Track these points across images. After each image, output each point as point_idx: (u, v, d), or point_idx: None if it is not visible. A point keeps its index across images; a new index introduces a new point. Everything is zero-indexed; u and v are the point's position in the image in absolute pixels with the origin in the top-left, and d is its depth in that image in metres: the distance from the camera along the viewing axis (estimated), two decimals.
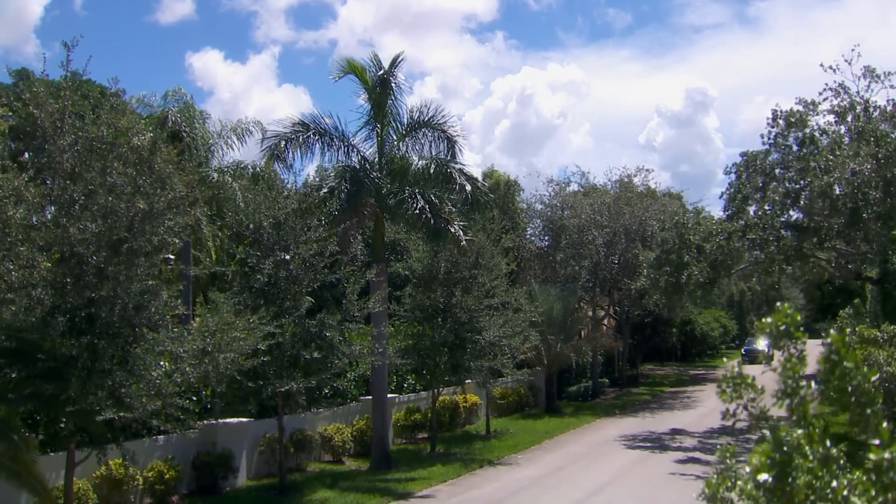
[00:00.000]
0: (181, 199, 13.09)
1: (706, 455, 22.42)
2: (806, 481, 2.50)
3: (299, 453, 20.59)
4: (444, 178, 21.62)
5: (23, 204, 12.03)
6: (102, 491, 15.47)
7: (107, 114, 12.44)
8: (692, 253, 24.54)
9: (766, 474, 2.60)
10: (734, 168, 25.83)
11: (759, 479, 2.62)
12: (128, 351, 12.30)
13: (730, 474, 3.32)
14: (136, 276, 12.28)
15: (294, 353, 16.64)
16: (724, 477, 3.28)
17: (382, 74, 21.24)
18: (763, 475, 2.61)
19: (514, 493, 18.03)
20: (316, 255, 17.24)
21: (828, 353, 2.52)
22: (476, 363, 23.05)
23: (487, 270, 23.46)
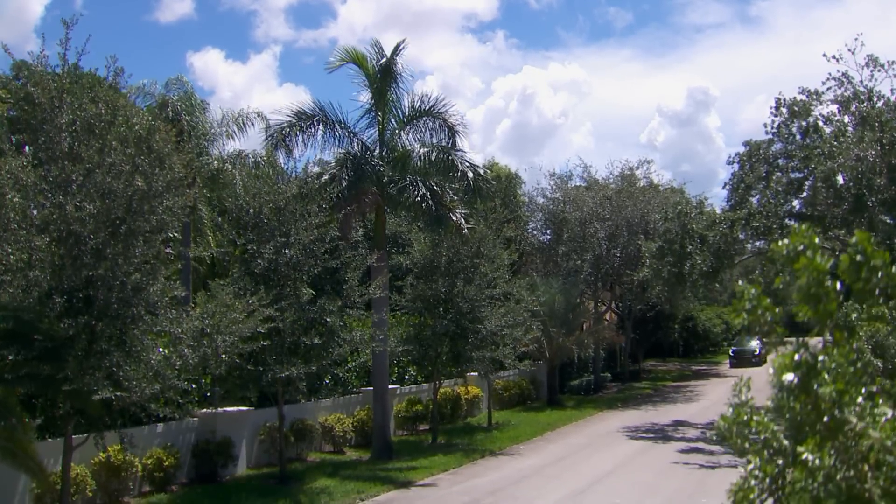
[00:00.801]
0: (180, 181, 12.97)
1: (709, 445, 22.26)
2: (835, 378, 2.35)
3: (300, 443, 20.46)
4: (445, 165, 21.49)
5: (21, 189, 11.95)
6: (101, 478, 15.35)
7: (105, 92, 12.29)
8: (695, 243, 24.37)
9: (791, 374, 2.45)
10: (737, 158, 25.67)
11: (785, 379, 2.47)
12: (126, 332, 12.17)
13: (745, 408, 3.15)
14: (134, 256, 12.15)
15: (294, 340, 16.49)
16: (739, 410, 3.12)
17: (384, 62, 21.10)
18: (789, 375, 2.46)
19: (516, 482, 17.90)
20: (316, 241, 17.10)
21: (854, 253, 2.37)
22: (478, 353, 22.89)
23: (489, 260, 23.31)
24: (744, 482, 2.69)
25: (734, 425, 3.17)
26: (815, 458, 2.50)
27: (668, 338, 54.67)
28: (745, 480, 2.69)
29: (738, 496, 2.66)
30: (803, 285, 2.44)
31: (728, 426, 3.18)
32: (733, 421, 3.17)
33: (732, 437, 3.19)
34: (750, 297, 2.99)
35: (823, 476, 2.50)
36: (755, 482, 2.64)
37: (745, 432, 3.16)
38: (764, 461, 2.66)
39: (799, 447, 2.51)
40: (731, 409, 3.26)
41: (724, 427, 3.22)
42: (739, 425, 3.15)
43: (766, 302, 2.98)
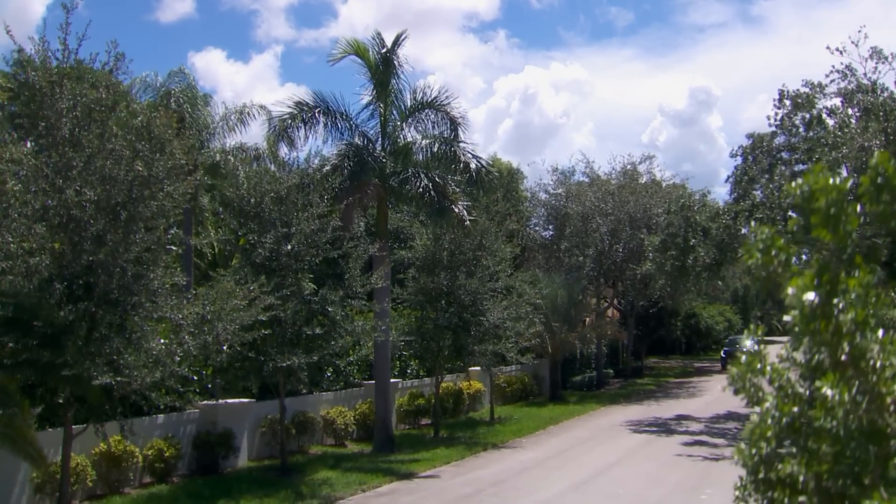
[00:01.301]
0: (181, 167, 12.88)
1: (713, 438, 22.21)
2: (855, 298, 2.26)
3: (301, 436, 20.38)
4: (447, 157, 21.41)
5: (22, 179, 11.88)
6: (101, 468, 15.28)
7: (105, 76, 12.21)
8: (698, 236, 24.27)
9: (812, 293, 2.35)
10: (740, 151, 25.56)
11: (806, 298, 2.37)
12: (126, 319, 12.09)
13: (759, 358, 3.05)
14: (134, 242, 12.07)
15: (296, 330, 16.40)
16: (753, 358, 3.02)
17: (385, 53, 21.02)
18: (809, 294, 2.36)
19: (519, 473, 17.82)
20: (318, 232, 17.00)
21: (874, 174, 2.28)
22: (480, 347, 22.80)
23: (491, 253, 23.22)
24: (759, 422, 2.59)
25: (747, 374, 3.07)
26: (834, 394, 2.41)
27: (670, 335, 54.62)
28: (760, 420, 2.60)
29: (754, 436, 2.57)
30: (822, 207, 2.34)
31: (741, 374, 3.09)
32: (746, 369, 3.08)
33: (745, 388, 3.09)
34: (763, 237, 2.89)
35: (843, 413, 2.40)
36: (771, 421, 2.55)
37: (758, 381, 3.07)
38: (780, 400, 2.56)
39: (818, 382, 2.42)
40: (743, 358, 3.17)
41: (736, 375, 3.12)
42: (753, 373, 3.06)
43: (780, 242, 2.89)
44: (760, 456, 2.49)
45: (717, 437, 22.56)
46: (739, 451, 2.61)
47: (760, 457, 2.49)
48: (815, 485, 2.41)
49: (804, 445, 2.48)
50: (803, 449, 2.45)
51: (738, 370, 3.08)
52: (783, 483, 2.40)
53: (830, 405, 2.42)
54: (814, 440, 2.49)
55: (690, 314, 56.58)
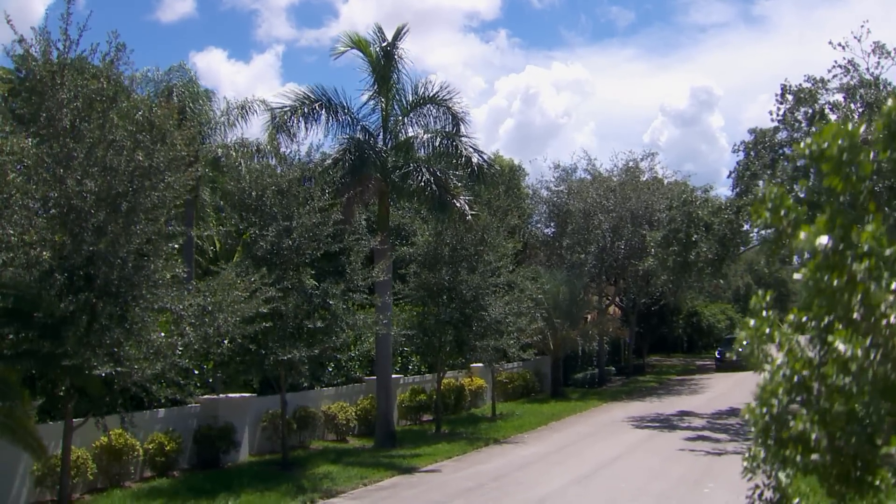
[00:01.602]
0: (181, 159, 12.84)
1: (715, 433, 22.14)
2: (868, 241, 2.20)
3: (302, 431, 20.32)
4: (449, 151, 21.36)
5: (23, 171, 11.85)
6: (102, 461, 15.24)
7: (107, 66, 12.17)
8: (700, 231, 24.19)
9: (825, 237, 2.30)
10: (742, 146, 25.49)
11: (819, 243, 2.32)
12: (127, 310, 12.04)
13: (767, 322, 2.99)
14: (135, 233, 12.02)
15: (297, 323, 16.36)
16: (762, 323, 2.95)
17: (386, 47, 20.96)
18: (823, 238, 2.31)
19: (520, 468, 17.75)
20: (319, 225, 16.96)
21: (887, 121, 2.23)
22: (481, 343, 22.74)
23: (493, 248, 23.16)
24: (769, 380, 2.54)
25: (756, 338, 3.01)
26: (847, 348, 2.35)
27: (672, 333, 54.50)
28: (770, 378, 2.54)
29: (765, 394, 2.51)
30: (834, 154, 2.29)
31: (750, 338, 3.03)
32: (755, 333, 3.02)
33: (754, 354, 3.04)
34: (772, 196, 2.84)
35: (857, 368, 2.35)
36: (781, 378, 2.49)
37: (765, 348, 3.01)
38: (791, 358, 2.50)
39: (830, 337, 2.37)
40: (753, 321, 3.11)
41: (744, 339, 3.07)
42: (760, 338, 3.00)
43: (790, 202, 2.84)
44: (771, 415, 2.43)
45: (720, 432, 22.49)
46: (750, 411, 2.56)
47: (771, 415, 2.44)
48: (827, 443, 2.35)
49: (816, 404, 2.43)
50: (815, 407, 2.39)
51: (747, 333, 3.03)
52: (795, 441, 2.34)
53: (843, 361, 2.36)
54: (826, 398, 2.44)
55: (692, 312, 56.48)
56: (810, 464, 2.34)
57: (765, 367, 2.64)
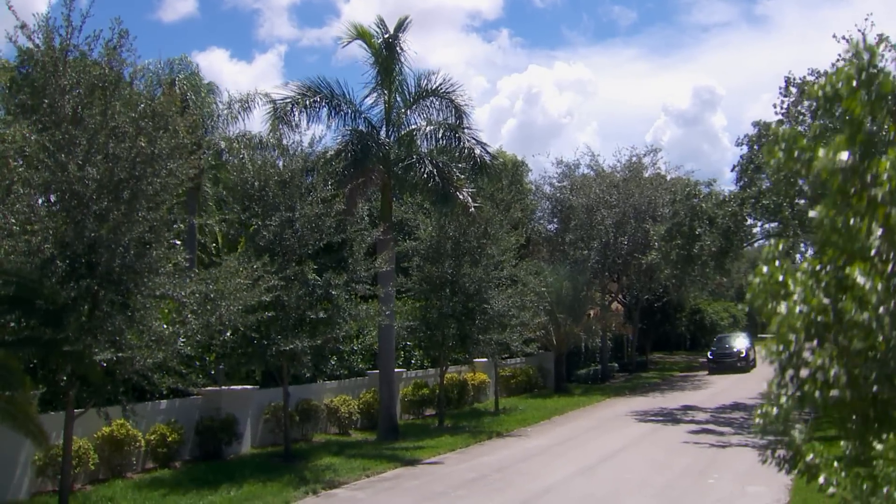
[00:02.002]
0: (184, 146, 12.77)
1: (719, 427, 22.05)
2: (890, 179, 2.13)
3: (305, 424, 20.26)
4: (452, 143, 21.29)
5: (25, 158, 11.81)
6: (104, 452, 15.19)
7: (110, 53, 12.10)
8: (704, 224, 24.10)
9: (846, 153, 2.22)
10: (746, 139, 25.39)
11: (840, 158, 2.24)
12: (128, 297, 11.98)
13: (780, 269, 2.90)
14: (137, 220, 11.96)
15: (300, 314, 16.29)
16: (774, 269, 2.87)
17: (388, 38, 20.89)
18: (843, 154, 2.23)
19: (524, 460, 17.70)
20: (322, 216, 16.89)
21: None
22: (484, 336, 22.65)
23: (496, 241, 23.07)
24: (787, 314, 2.46)
25: (768, 286, 2.93)
26: (866, 282, 2.28)
27: (675, 330, 54.37)
28: (787, 313, 2.47)
29: (783, 329, 2.44)
30: (852, 73, 2.21)
31: (763, 283, 2.95)
32: (767, 281, 2.94)
33: (765, 302, 2.96)
34: (785, 136, 2.77)
35: (876, 301, 2.28)
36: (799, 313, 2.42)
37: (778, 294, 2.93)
38: (808, 293, 2.43)
39: (848, 269, 2.30)
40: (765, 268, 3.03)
41: (758, 286, 2.99)
42: (773, 285, 2.92)
43: (803, 142, 2.76)
44: (789, 351, 2.36)
45: (724, 425, 22.40)
46: (767, 347, 2.48)
47: (789, 352, 2.36)
48: (847, 379, 2.28)
49: (834, 341, 2.36)
50: (834, 343, 2.32)
51: (760, 280, 2.95)
52: (814, 376, 2.27)
53: (862, 295, 2.29)
54: (844, 335, 2.37)
55: (695, 310, 56.38)
56: (830, 400, 2.27)
57: (780, 304, 2.56)
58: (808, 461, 3.16)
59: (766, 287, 2.91)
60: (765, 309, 2.94)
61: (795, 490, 13.64)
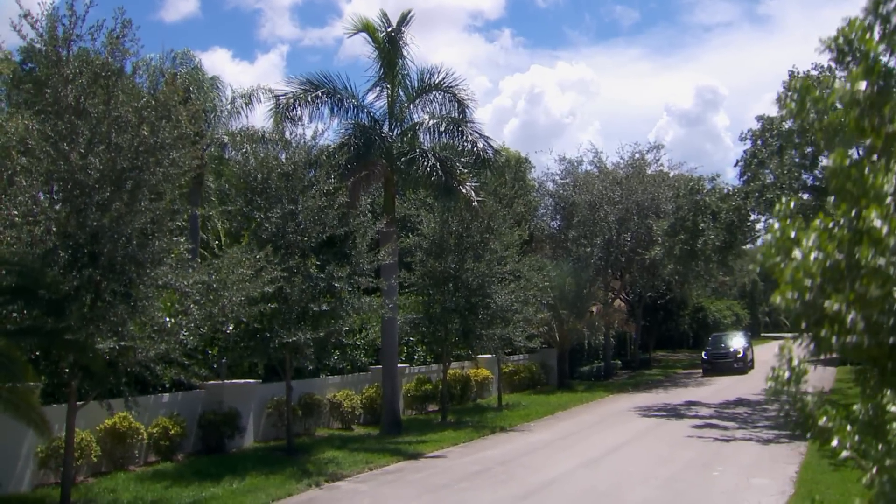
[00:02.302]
0: (186, 137, 12.73)
1: (723, 421, 21.97)
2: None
3: (307, 418, 20.22)
4: (455, 136, 21.25)
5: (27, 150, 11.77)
6: (106, 444, 15.16)
7: (113, 42, 12.06)
8: (707, 219, 24.03)
9: (864, 82, 2.17)
10: (750, 134, 25.31)
11: (858, 87, 2.19)
12: (131, 287, 11.94)
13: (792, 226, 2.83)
14: (139, 210, 11.92)
15: (302, 307, 16.24)
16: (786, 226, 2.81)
17: (391, 32, 20.85)
18: (861, 84, 2.18)
19: (528, 453, 17.64)
20: (325, 208, 16.84)
21: None
22: (487, 331, 22.59)
23: (499, 236, 23.01)
24: (801, 260, 2.41)
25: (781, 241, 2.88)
26: (883, 226, 2.23)
27: (678, 328, 54.29)
28: (802, 259, 2.41)
29: (798, 275, 2.39)
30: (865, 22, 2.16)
31: (775, 240, 2.89)
32: (779, 237, 2.88)
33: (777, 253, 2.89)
34: (798, 87, 2.71)
35: (893, 245, 2.22)
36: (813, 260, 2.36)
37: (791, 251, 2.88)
38: (823, 239, 2.37)
39: (864, 213, 2.24)
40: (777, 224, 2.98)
41: (770, 243, 2.94)
42: (786, 242, 2.86)
43: (816, 93, 2.71)
44: (804, 299, 2.30)
45: (728, 420, 22.33)
46: (783, 295, 2.42)
47: (804, 301, 2.30)
48: (864, 325, 2.22)
49: (851, 287, 2.30)
50: (850, 289, 2.26)
51: (773, 236, 2.89)
52: (831, 320, 2.21)
53: (878, 239, 2.24)
54: (861, 282, 2.31)
55: (698, 308, 56.31)
56: (847, 345, 2.22)
57: (795, 251, 2.50)
58: (820, 425, 3.10)
59: (778, 244, 2.86)
60: (777, 268, 2.88)
61: (801, 482, 13.59)
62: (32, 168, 11.73)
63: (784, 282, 2.43)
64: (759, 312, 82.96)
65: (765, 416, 22.79)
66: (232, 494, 13.41)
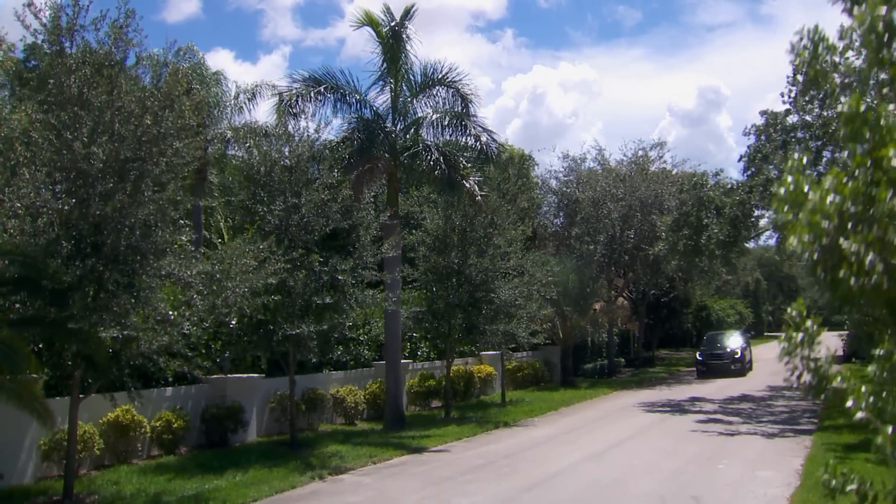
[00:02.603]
0: (190, 128, 12.71)
1: (727, 417, 21.91)
2: None
3: (311, 413, 20.18)
4: (458, 130, 21.21)
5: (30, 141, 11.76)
6: (109, 437, 15.13)
7: (116, 32, 12.03)
8: (711, 214, 23.95)
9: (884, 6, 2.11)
10: (754, 129, 25.23)
11: (878, 13, 2.14)
12: (134, 277, 11.91)
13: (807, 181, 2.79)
14: (143, 201, 11.89)
15: (306, 300, 16.20)
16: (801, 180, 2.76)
17: (394, 26, 20.81)
18: (881, 8, 2.12)
19: (532, 447, 17.60)
20: (328, 202, 16.80)
21: None
22: (491, 327, 22.52)
23: (502, 231, 22.94)
24: (818, 200, 2.36)
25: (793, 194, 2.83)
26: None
27: (681, 326, 54.18)
28: (819, 199, 2.36)
29: (814, 217, 2.34)
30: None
31: (788, 193, 2.85)
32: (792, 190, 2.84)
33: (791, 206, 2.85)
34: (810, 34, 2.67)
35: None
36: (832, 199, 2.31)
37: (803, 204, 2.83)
38: (839, 181, 2.33)
39: (883, 150, 2.19)
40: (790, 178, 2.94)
41: (782, 196, 2.89)
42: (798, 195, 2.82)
43: (829, 41, 2.66)
44: (821, 242, 2.25)
45: (732, 415, 22.27)
46: (799, 237, 2.37)
47: (821, 244, 2.26)
48: (883, 266, 2.18)
49: (869, 229, 2.25)
50: (868, 231, 2.21)
51: (785, 188, 2.85)
52: (848, 261, 2.16)
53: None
54: (879, 225, 2.27)
55: (701, 306, 56.23)
56: (866, 287, 2.17)
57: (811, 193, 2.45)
58: (835, 385, 3.07)
59: (790, 197, 2.81)
60: (790, 222, 2.83)
61: (806, 474, 13.53)
62: (36, 158, 11.71)
63: (800, 225, 2.38)
64: (762, 312, 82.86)
65: (769, 412, 22.74)
66: (235, 487, 13.37)
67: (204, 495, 12.72)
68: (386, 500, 12.84)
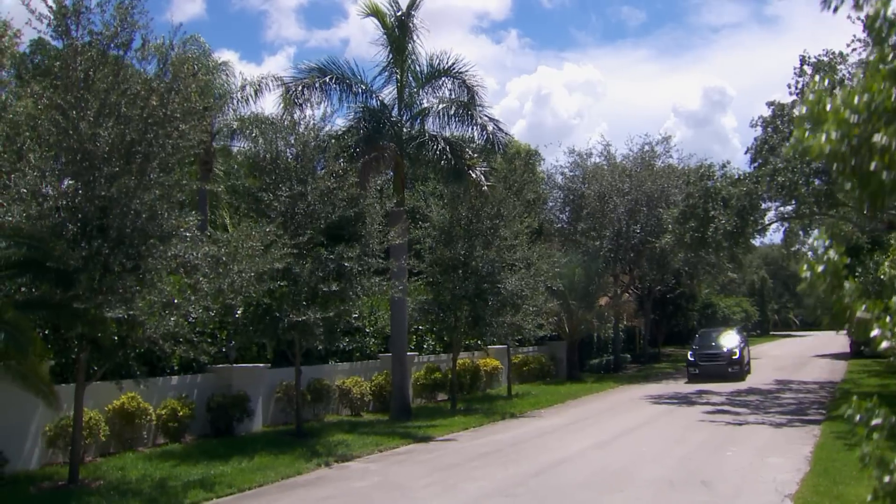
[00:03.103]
0: (195, 111, 12.66)
1: (735, 408, 21.80)
2: None
3: (317, 404, 20.13)
4: (464, 120, 21.15)
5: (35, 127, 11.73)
6: (115, 425, 15.09)
7: (122, 13, 11.99)
8: (718, 205, 23.82)
9: None
10: (761, 121, 25.13)
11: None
12: (140, 259, 11.85)
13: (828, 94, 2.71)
14: (148, 182, 11.85)
15: (312, 287, 16.13)
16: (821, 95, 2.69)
17: (400, 16, 20.76)
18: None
19: (539, 436, 17.53)
20: (334, 189, 16.74)
21: None
22: (497, 319, 22.43)
23: (508, 222, 22.84)
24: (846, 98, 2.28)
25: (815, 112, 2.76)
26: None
27: (687, 323, 53.97)
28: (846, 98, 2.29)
29: (840, 116, 2.26)
30: None
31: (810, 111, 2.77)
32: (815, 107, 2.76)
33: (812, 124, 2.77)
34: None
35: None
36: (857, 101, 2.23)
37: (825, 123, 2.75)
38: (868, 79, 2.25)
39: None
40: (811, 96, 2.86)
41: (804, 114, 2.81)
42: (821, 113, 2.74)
43: None
44: (850, 144, 2.18)
45: (740, 406, 22.15)
46: (827, 133, 2.30)
47: (850, 144, 2.18)
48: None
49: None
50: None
51: (808, 106, 2.77)
52: (881, 154, 2.09)
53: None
54: None
55: (707, 304, 56.07)
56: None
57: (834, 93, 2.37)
58: (860, 315, 2.99)
59: (812, 115, 2.74)
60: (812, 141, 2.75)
61: (816, 460, 13.44)
62: (42, 141, 11.68)
63: (829, 120, 2.31)
64: (768, 310, 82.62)
65: (777, 403, 22.62)
66: (241, 473, 13.31)
67: (209, 480, 12.66)
68: (393, 485, 12.77)
